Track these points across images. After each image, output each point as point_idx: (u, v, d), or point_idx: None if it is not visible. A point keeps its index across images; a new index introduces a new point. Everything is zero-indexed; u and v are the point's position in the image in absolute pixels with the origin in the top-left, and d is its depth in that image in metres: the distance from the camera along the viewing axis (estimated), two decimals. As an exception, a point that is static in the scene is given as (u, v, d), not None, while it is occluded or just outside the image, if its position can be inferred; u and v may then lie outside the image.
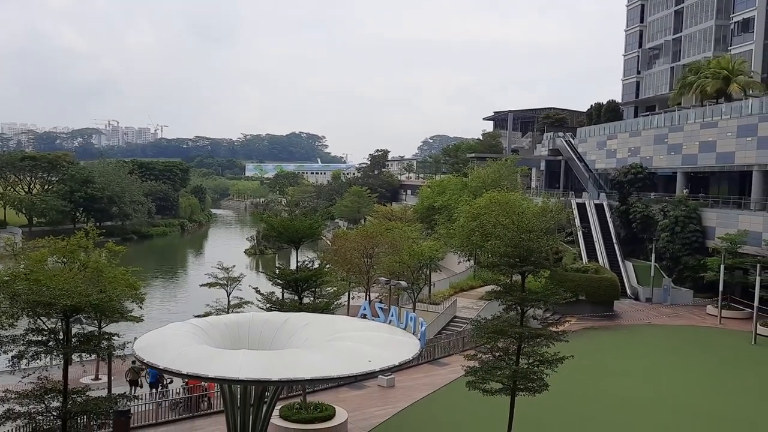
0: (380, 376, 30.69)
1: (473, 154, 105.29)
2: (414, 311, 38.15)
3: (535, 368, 22.24)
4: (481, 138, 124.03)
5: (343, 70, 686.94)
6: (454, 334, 41.65)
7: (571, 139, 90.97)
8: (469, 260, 59.82)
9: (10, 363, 22.16)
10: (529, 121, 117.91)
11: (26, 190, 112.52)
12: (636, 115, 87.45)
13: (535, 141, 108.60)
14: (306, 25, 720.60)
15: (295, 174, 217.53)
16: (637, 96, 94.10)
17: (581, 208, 67.72)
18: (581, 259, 59.01)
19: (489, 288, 25.50)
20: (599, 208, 67.38)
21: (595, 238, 62.73)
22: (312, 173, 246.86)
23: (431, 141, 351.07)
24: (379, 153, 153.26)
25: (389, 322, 26.52)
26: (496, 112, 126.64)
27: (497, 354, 22.84)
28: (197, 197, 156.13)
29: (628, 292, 55.40)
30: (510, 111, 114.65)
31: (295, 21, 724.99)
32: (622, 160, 73.79)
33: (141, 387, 31.65)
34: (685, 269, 55.63)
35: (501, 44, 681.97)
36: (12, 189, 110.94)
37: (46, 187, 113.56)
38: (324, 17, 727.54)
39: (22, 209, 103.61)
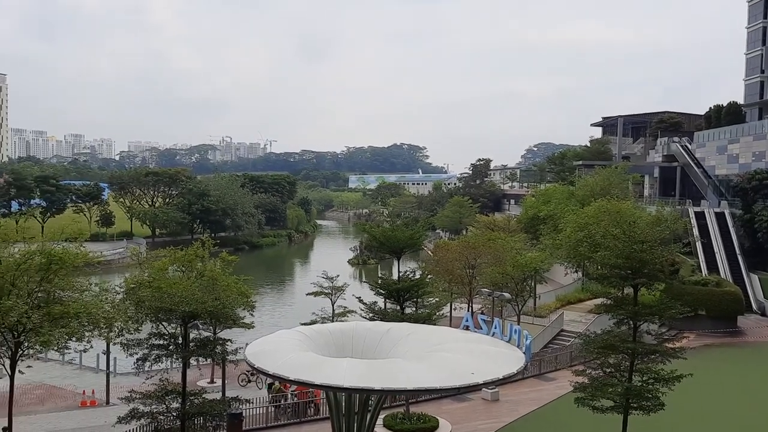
0: (484, 389, 30.21)
1: (580, 162, 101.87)
2: (518, 324, 37.31)
3: (650, 386, 21.13)
4: (588, 145, 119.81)
5: (442, 80, 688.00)
6: (561, 348, 40.39)
7: (688, 144, 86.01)
8: (576, 272, 57.81)
9: (136, 365, 23.78)
10: (641, 126, 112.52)
11: (150, 203, 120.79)
12: (761, 118, 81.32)
13: (648, 147, 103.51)
14: (404, 37, 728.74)
15: (396, 185, 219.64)
16: (761, 97, 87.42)
17: (700, 216, 63.78)
18: (700, 271, 55.52)
19: (598, 301, 24.61)
20: (720, 216, 63.14)
21: (715, 249, 58.80)
22: (413, 184, 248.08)
23: (535, 149, 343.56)
24: (481, 162, 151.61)
25: (492, 335, 26.07)
26: (604, 118, 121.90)
27: (608, 370, 21.92)
28: (303, 209, 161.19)
29: (754, 307, 51.49)
30: (620, 116, 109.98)
31: (393, 33, 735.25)
32: (745, 165, 68.87)
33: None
34: (819, 283, 50.98)
35: (606, 47, 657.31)
36: (137, 202, 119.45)
37: (167, 200, 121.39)
38: (421, 27, 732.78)
39: (146, 221, 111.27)
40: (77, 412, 31.68)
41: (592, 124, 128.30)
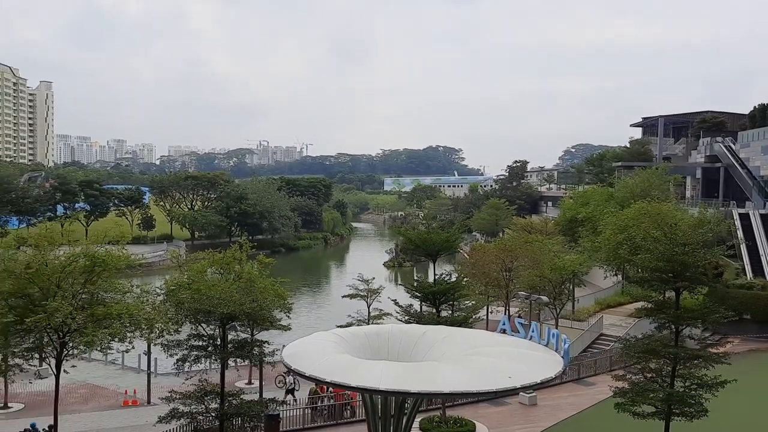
0: (521, 393, 29.90)
1: (619, 163, 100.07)
2: (556, 327, 36.86)
3: (693, 392, 20.64)
4: (628, 146, 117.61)
5: (478, 81, 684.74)
6: (600, 352, 39.73)
7: (732, 144, 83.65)
8: (616, 275, 56.78)
9: (175, 365, 24.21)
10: (683, 127, 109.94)
11: (189, 206, 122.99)
12: (809, 115, 78.66)
13: (690, 147, 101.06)
14: (440, 38, 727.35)
15: (432, 187, 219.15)
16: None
17: (744, 218, 61.95)
18: (745, 274, 53.93)
19: (639, 305, 24.10)
20: (765, 218, 61.25)
21: (761, 252, 57.05)
22: (449, 186, 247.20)
23: (573, 150, 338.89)
24: (518, 164, 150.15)
25: (530, 338, 25.84)
26: (644, 118, 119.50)
27: (649, 375, 21.48)
28: (339, 211, 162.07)
29: (802, 312, 49.62)
30: (660, 116, 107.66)
31: (429, 34, 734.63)
32: (792, 165, 66.64)
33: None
34: None
35: (645, 45, 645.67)
36: (177, 206, 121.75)
37: (205, 203, 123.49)
38: (458, 29, 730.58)
39: (185, 224, 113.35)
40: (119, 412, 32.42)
41: (631, 125, 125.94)
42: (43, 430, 26.25)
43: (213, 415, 23.39)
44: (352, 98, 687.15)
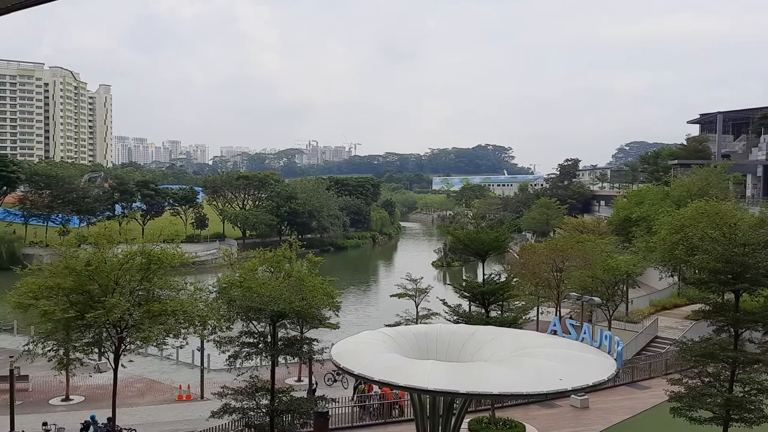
0: (573, 395, 29.37)
1: (676, 161, 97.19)
2: (609, 329, 36.09)
3: (752, 397, 19.91)
4: (684, 143, 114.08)
5: (528, 78, 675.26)
6: (655, 355, 38.70)
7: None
8: (672, 276, 55.21)
9: (228, 361, 24.72)
10: (743, 123, 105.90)
11: (240, 206, 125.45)
12: None
13: (750, 144, 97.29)
14: (489, 36, 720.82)
15: (481, 186, 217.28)
16: None
17: (809, 218, 59.16)
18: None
19: (696, 307, 23.36)
20: (832, 218, 58.39)
21: (828, 253, 54.38)
22: (498, 185, 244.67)
23: (627, 148, 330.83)
24: (569, 162, 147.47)
25: (581, 340, 25.37)
26: (702, 114, 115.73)
27: (706, 380, 20.82)
28: (387, 211, 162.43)
29: None
30: (719, 112, 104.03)
31: (478, 32, 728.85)
32: None
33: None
34: None
35: (700, 40, 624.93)
36: (229, 205, 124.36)
37: (256, 203, 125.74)
38: (507, 26, 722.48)
39: (237, 223, 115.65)
40: (174, 406, 33.31)
41: (688, 122, 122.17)
42: (103, 424, 27.21)
43: (263, 411, 23.77)
44: (401, 97, 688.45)
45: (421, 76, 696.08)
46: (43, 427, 26.96)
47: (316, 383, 33.18)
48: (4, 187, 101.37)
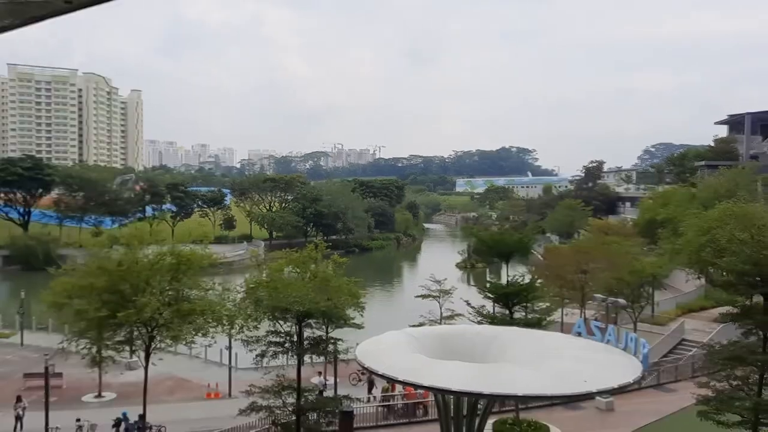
0: (598, 397, 29.30)
1: (703, 162, 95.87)
2: (635, 332, 35.86)
3: (782, 402, 19.68)
4: (712, 144, 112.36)
5: (552, 79, 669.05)
6: (681, 358, 38.34)
7: (828, 141, 78.46)
8: (698, 278, 54.50)
9: (255, 360, 25.18)
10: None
11: (267, 207, 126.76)
12: None
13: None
14: (512, 37, 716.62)
15: (505, 188, 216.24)
16: None
17: (842, 220, 57.97)
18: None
19: (723, 309, 23.16)
20: None
21: None
22: (522, 187, 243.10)
23: (653, 149, 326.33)
24: (594, 164, 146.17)
25: (606, 342, 25.32)
26: (730, 115, 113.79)
27: (735, 383, 20.68)
28: (411, 212, 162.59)
29: None
30: (747, 113, 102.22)
31: (501, 34, 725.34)
32: None
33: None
34: None
35: (729, 39, 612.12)
36: (256, 207, 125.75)
37: (283, 205, 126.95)
38: (530, 26, 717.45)
39: (264, 225, 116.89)
40: (203, 403, 33.94)
41: (716, 122, 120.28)
42: (134, 421, 27.86)
43: (290, 409, 24.16)
44: (425, 100, 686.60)
45: (445, 79, 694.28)
46: (77, 423, 27.69)
47: (325, 383, 33.36)
48: (40, 190, 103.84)
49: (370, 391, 31.65)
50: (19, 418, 29.02)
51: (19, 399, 29.70)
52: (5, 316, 53.45)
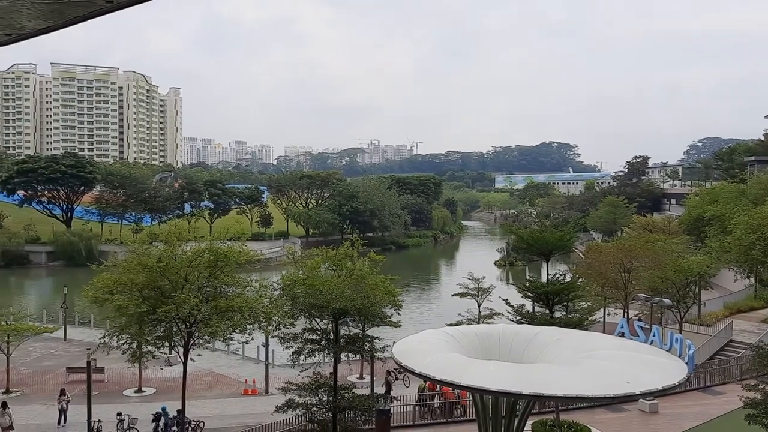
0: (641, 399, 28.49)
1: (752, 157, 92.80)
2: (680, 332, 34.76)
3: (838, 408, 18.74)
4: (762, 139, 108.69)
5: (594, 74, 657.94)
6: (729, 360, 37.11)
7: None
8: (748, 277, 52.73)
9: (291, 357, 25.16)
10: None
11: (304, 204, 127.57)
12: None
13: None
14: (552, 32, 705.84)
15: (545, 185, 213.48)
16: None
17: None
18: None
19: (775, 310, 22.20)
20: None
21: None
22: (563, 183, 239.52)
23: (700, 144, 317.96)
24: (638, 160, 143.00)
25: (650, 343, 24.48)
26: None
27: (786, 387, 19.76)
28: (449, 209, 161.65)
29: None
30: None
31: (541, 28, 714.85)
32: None
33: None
34: None
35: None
36: (293, 204, 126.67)
37: (319, 202, 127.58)
38: (571, 21, 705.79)
39: (300, 222, 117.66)
40: (240, 399, 34.19)
41: (766, 116, 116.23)
42: (173, 415, 28.19)
43: (326, 407, 24.09)
44: (463, 95, 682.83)
45: (484, 74, 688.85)
46: (118, 417, 28.16)
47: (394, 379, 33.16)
48: (82, 187, 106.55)
49: (387, 393, 31.29)
50: (62, 411, 29.66)
51: (62, 392, 30.37)
52: (49, 311, 54.95)
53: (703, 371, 34.38)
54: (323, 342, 24.71)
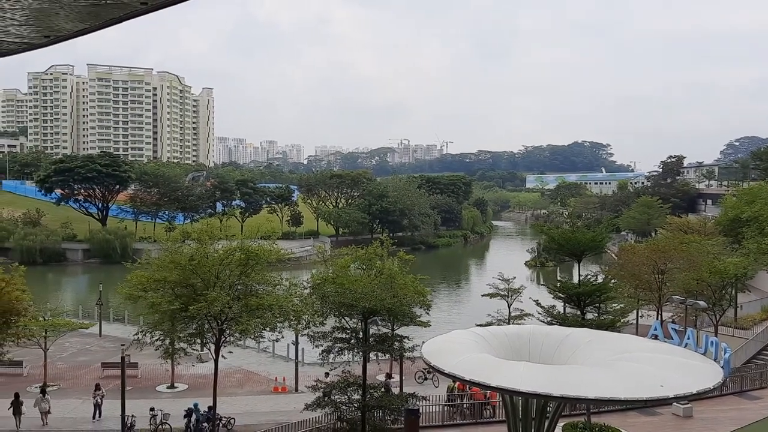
0: (675, 403, 27.94)
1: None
2: (716, 335, 34.03)
3: None
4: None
5: (627, 73, 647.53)
6: (767, 364, 36.11)
7: None
8: (787, 280, 51.35)
9: (321, 356, 25.29)
10: None
11: (334, 204, 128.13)
12: None
13: None
14: (584, 31, 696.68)
15: (577, 185, 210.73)
16: None
17: None
18: None
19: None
20: None
21: None
22: (595, 183, 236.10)
23: (737, 144, 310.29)
24: (673, 159, 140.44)
25: (685, 346, 24.06)
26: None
27: (828, 393, 19.17)
28: (479, 209, 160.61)
29: None
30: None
31: (572, 27, 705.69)
32: None
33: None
34: None
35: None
36: (323, 203, 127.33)
37: (349, 201, 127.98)
38: (604, 19, 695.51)
39: (330, 221, 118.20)
40: (270, 397, 34.49)
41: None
42: (204, 411, 28.56)
43: (355, 406, 24.16)
44: (494, 95, 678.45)
45: (515, 74, 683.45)
46: (151, 412, 28.64)
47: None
48: (117, 186, 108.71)
49: (387, 393, 30.97)
50: (97, 406, 30.29)
51: (97, 387, 31.00)
52: (85, 308, 56.15)
53: (739, 375, 33.60)
54: (352, 341, 24.78)
